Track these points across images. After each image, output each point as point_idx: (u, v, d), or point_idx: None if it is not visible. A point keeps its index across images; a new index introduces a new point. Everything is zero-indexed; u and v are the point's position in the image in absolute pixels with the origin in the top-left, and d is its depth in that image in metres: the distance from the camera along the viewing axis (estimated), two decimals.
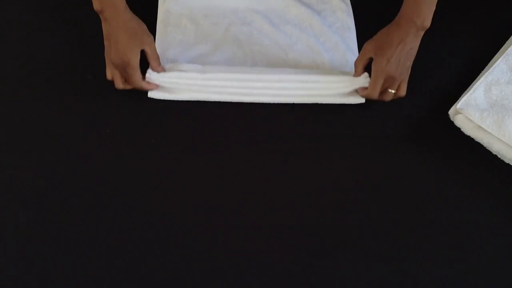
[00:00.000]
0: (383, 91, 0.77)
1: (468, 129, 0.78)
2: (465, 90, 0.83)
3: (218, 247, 0.69)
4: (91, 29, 0.72)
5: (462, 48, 0.89)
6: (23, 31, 0.88)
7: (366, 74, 0.78)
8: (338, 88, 0.79)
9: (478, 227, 0.72)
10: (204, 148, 0.77)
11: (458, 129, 0.79)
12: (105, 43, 0.75)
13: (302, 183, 0.75)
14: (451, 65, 0.87)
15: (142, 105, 0.79)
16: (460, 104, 0.80)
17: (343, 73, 0.81)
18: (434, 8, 0.71)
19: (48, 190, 0.72)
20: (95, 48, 0.74)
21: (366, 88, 0.77)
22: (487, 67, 0.86)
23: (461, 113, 0.79)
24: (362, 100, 0.80)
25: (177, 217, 0.71)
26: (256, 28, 0.88)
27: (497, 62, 0.84)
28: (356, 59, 0.78)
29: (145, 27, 0.76)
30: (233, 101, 0.80)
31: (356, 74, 0.78)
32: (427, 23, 0.72)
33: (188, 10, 0.89)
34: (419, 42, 0.74)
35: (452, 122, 0.80)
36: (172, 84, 0.79)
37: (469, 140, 0.79)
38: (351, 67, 0.84)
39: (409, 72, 0.76)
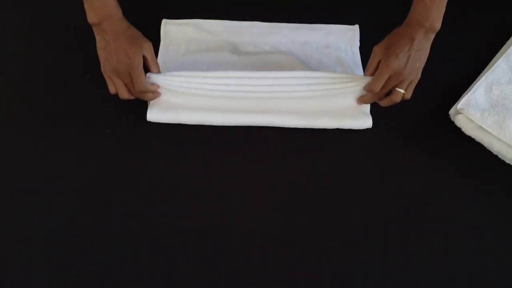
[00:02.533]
0: (391, 90, 0.75)
1: (468, 129, 0.78)
2: (466, 90, 0.83)
3: (217, 246, 0.69)
4: (90, 29, 0.72)
5: (462, 48, 0.89)
6: (22, 31, 0.88)
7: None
8: (345, 87, 0.77)
9: (478, 227, 0.72)
10: (204, 147, 0.77)
11: (459, 129, 0.79)
12: (102, 55, 0.73)
13: (302, 183, 0.75)
14: (451, 65, 0.87)
15: (142, 104, 0.79)
16: (461, 104, 0.79)
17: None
18: (443, 10, 0.70)
19: (47, 190, 0.72)
20: (95, 48, 0.74)
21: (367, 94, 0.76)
22: (487, 67, 0.86)
23: (461, 113, 0.78)
24: (369, 124, 0.78)
25: (176, 217, 0.71)
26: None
27: (498, 62, 0.84)
28: (367, 64, 0.76)
29: (142, 35, 0.75)
30: (235, 124, 0.78)
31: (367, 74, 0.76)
32: (437, 25, 0.71)
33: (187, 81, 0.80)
34: (429, 44, 0.73)
35: (453, 122, 0.80)
36: (173, 86, 0.77)
37: (470, 140, 0.78)
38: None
39: (419, 75, 0.74)
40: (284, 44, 0.89)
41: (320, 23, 0.91)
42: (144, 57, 0.74)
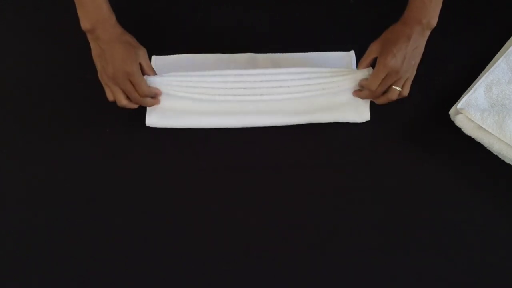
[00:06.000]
0: (388, 89, 0.75)
1: (468, 129, 0.78)
2: (466, 90, 0.83)
3: (217, 247, 0.69)
4: None
5: (462, 48, 0.89)
6: (22, 31, 0.88)
7: (369, 68, 0.77)
8: (340, 80, 0.77)
9: (478, 227, 0.72)
10: (202, 147, 0.77)
11: (459, 129, 0.79)
12: (98, 62, 0.72)
13: (302, 183, 0.75)
14: (451, 65, 0.87)
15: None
16: (461, 104, 0.79)
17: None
18: (440, 6, 0.70)
19: (46, 191, 0.72)
20: None
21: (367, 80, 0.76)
22: (487, 67, 0.85)
23: (461, 113, 0.78)
24: (367, 117, 0.78)
25: (174, 217, 0.71)
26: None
27: (498, 62, 0.84)
28: (361, 59, 0.77)
29: (136, 41, 0.74)
30: (236, 126, 0.78)
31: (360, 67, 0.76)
32: (434, 22, 0.71)
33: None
34: (425, 41, 0.73)
35: (453, 122, 0.80)
36: (171, 88, 0.76)
37: (470, 140, 0.78)
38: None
39: (414, 72, 0.74)
40: (278, 76, 0.83)
41: (314, 49, 0.88)
42: (141, 65, 0.73)
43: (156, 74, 0.76)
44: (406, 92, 0.75)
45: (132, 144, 0.77)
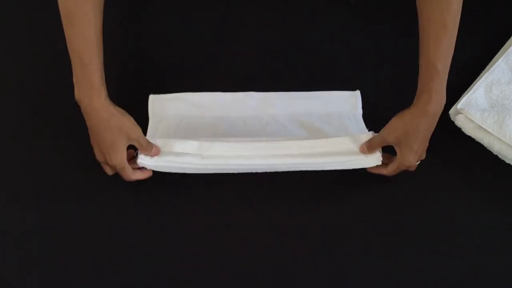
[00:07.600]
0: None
1: (468, 129, 0.78)
2: (466, 90, 0.83)
3: (217, 247, 0.69)
4: None
5: (462, 48, 0.89)
6: (22, 32, 0.88)
7: (378, 154, 0.71)
8: (348, 165, 0.72)
9: (478, 227, 0.72)
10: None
11: (459, 129, 0.79)
12: (89, 132, 0.67)
13: (301, 183, 0.75)
14: (451, 65, 0.86)
15: (143, 105, 0.79)
16: (461, 104, 0.79)
17: (353, 139, 0.73)
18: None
19: (45, 192, 0.72)
20: None
21: (378, 166, 0.72)
22: (487, 67, 0.86)
23: (461, 113, 0.78)
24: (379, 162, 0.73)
25: (175, 218, 0.71)
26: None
27: (498, 62, 0.84)
28: (373, 141, 0.71)
29: (129, 119, 0.66)
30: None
31: (368, 152, 0.71)
32: (445, 98, 0.68)
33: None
34: None
35: (453, 122, 0.80)
36: (167, 168, 0.70)
37: (470, 140, 0.78)
38: None
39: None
40: (282, 116, 0.80)
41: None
42: (134, 145, 0.67)
43: (151, 151, 0.69)
44: (424, 157, 0.72)
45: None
